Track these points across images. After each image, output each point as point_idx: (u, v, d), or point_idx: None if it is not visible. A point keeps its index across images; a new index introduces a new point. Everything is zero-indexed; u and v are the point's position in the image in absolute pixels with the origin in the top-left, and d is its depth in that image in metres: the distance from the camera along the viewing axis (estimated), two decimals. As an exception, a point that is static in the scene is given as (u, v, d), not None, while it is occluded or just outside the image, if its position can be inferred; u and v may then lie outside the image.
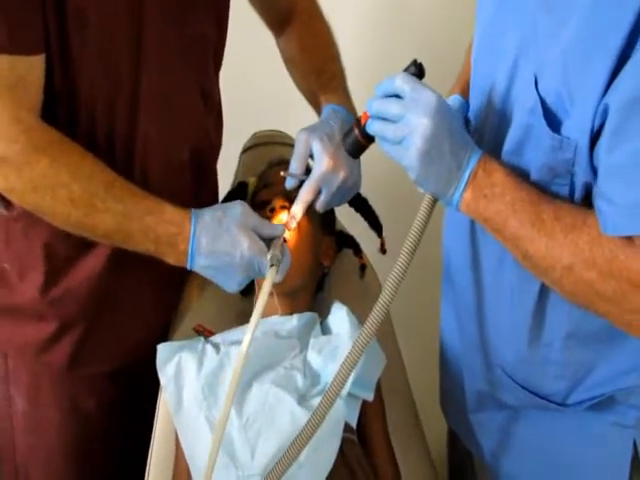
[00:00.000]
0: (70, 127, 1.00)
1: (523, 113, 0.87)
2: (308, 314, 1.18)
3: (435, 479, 1.20)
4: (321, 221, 1.24)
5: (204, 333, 1.17)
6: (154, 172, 1.10)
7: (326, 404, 0.95)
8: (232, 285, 1.05)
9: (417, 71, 0.90)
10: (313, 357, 1.12)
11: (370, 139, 0.96)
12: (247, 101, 1.65)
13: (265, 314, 1.16)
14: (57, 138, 0.97)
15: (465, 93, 1.06)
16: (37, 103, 0.96)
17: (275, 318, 1.16)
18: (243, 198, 1.33)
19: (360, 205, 1.29)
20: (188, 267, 1.03)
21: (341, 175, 1.10)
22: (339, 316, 1.17)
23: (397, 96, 0.87)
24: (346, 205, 1.23)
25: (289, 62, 1.28)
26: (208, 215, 1.03)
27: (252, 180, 1.34)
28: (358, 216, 1.33)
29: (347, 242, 1.37)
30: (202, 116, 1.17)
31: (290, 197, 1.15)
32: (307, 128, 1.13)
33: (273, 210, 1.16)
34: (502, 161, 0.90)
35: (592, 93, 0.78)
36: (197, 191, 1.20)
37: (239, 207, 1.04)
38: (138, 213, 0.99)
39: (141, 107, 1.04)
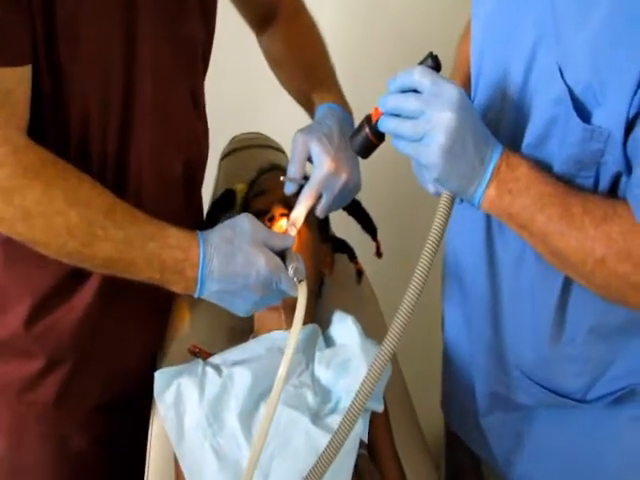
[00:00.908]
0: (60, 145, 0.91)
1: (546, 104, 0.83)
2: (309, 326, 1.12)
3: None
4: (318, 228, 1.17)
5: (201, 354, 1.10)
6: (148, 190, 1.02)
7: (347, 424, 0.89)
8: (245, 308, 0.98)
9: (434, 64, 0.85)
10: (322, 372, 1.05)
11: (381, 137, 0.91)
12: (222, 103, 1.57)
13: (269, 328, 1.09)
14: (50, 159, 0.88)
15: (465, 87, 1.01)
16: (25, 120, 0.87)
17: (278, 333, 1.09)
18: (231, 206, 1.26)
19: (354, 208, 1.23)
20: (196, 294, 0.95)
21: (343, 177, 1.04)
22: (344, 326, 1.11)
23: (414, 91, 0.82)
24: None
25: (274, 62, 1.22)
26: (217, 236, 0.95)
27: (240, 187, 1.26)
28: (346, 219, 1.27)
29: (341, 247, 1.30)
30: (193, 123, 1.09)
31: (289, 204, 1.09)
32: (304, 129, 1.07)
33: (272, 219, 1.10)
34: (523, 154, 0.86)
35: (626, 81, 0.74)
36: (187, 207, 1.12)
37: (247, 222, 0.97)
38: (140, 239, 0.90)
39: (135, 117, 0.96)
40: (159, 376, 1.03)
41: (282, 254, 0.98)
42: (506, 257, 0.98)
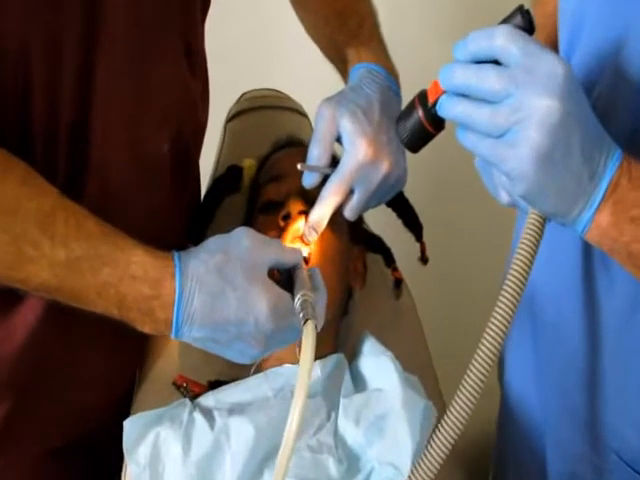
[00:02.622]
0: None
1: None
2: (334, 357, 0.87)
3: None
4: (348, 225, 0.89)
5: (189, 390, 0.84)
6: (119, 178, 0.75)
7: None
8: (244, 359, 0.72)
9: (525, 23, 0.59)
10: (349, 429, 0.80)
11: (440, 125, 0.67)
12: (228, 51, 1.27)
13: (279, 359, 0.84)
14: None
15: None
16: None
17: (290, 368, 0.83)
18: (235, 188, 0.98)
19: (397, 202, 0.94)
20: (172, 337, 0.69)
21: (383, 168, 0.80)
22: (379, 363, 0.85)
23: (494, 62, 0.58)
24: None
25: (300, 4, 0.95)
26: (201, 263, 0.67)
27: (248, 163, 1.00)
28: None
29: (375, 246, 1.03)
30: (186, 83, 0.81)
31: (311, 197, 0.83)
32: (332, 98, 0.81)
33: (288, 217, 0.83)
34: None
35: None
36: (177, 196, 0.84)
37: (244, 240, 0.69)
38: (90, 264, 0.64)
39: (98, 72, 0.68)
40: (130, 426, 0.78)
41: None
42: (612, 303, 0.72)
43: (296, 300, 0.68)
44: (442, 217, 1.26)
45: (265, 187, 0.90)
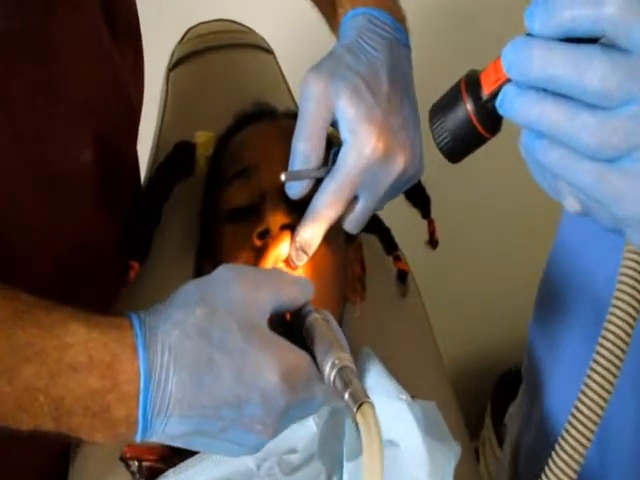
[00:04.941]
0: None
1: None
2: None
3: None
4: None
5: (139, 464, 0.63)
6: (24, 216, 0.55)
7: None
8: (243, 451, 0.51)
9: None
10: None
11: (496, 125, 0.45)
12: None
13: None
14: None
15: None
16: None
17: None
18: (187, 172, 0.74)
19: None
20: (138, 439, 0.48)
21: (397, 165, 0.59)
22: (391, 407, 0.65)
23: (591, 41, 0.37)
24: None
25: None
26: (174, 326, 0.47)
27: (203, 138, 0.75)
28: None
29: (369, 225, 0.81)
30: (109, 57, 0.59)
31: (296, 204, 0.61)
32: (321, 67, 0.58)
33: (266, 234, 0.61)
34: None
35: None
36: (109, 211, 0.64)
37: (233, 284, 0.48)
38: (4, 364, 0.44)
39: None
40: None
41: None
42: None
43: (327, 367, 0.47)
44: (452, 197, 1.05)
45: (230, 185, 0.65)
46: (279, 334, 0.49)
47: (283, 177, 0.55)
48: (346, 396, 0.46)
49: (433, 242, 0.80)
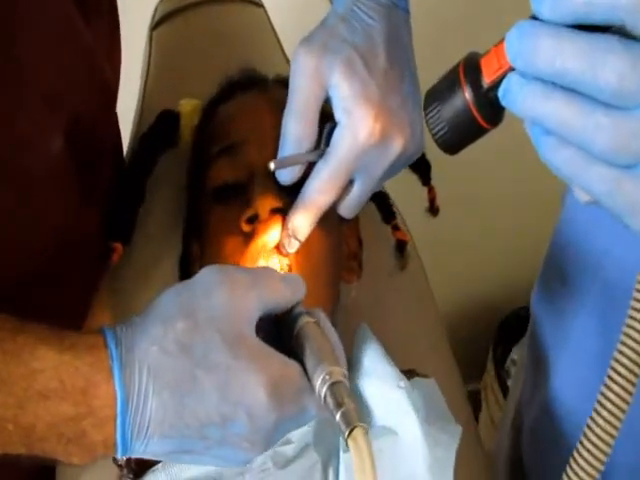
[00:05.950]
0: None
1: None
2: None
3: None
4: None
5: (127, 458, 0.61)
6: None
7: None
8: (231, 464, 0.48)
9: None
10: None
11: (498, 116, 0.41)
12: None
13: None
14: None
15: None
16: None
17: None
18: (168, 143, 0.70)
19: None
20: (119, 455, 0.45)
21: (395, 147, 0.54)
22: (389, 395, 0.62)
23: (605, 29, 0.33)
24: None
25: None
26: (152, 342, 0.43)
27: (188, 106, 0.71)
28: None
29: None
30: (81, 41, 0.54)
31: (287, 186, 0.58)
32: (313, 39, 0.54)
33: (255, 219, 0.57)
34: None
35: None
36: (86, 203, 0.59)
37: (217, 290, 0.44)
38: None
39: None
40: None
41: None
42: None
43: (317, 382, 0.44)
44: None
45: (216, 162, 0.61)
46: (268, 339, 0.45)
47: (272, 165, 0.51)
48: (337, 417, 0.43)
49: (434, 209, 0.77)
